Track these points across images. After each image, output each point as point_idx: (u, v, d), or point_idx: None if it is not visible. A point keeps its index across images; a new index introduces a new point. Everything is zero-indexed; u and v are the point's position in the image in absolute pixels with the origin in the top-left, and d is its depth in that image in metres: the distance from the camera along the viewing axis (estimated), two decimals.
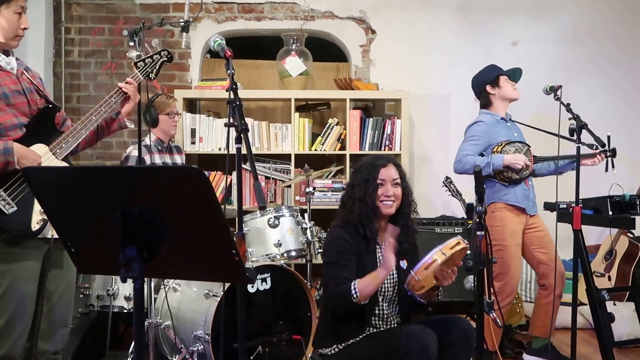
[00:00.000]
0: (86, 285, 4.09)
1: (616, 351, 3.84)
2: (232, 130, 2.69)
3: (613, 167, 4.04)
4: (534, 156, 4.31)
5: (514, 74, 4.43)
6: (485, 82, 4.42)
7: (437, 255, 2.76)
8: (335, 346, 3.03)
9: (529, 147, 4.30)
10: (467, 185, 4.28)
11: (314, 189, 5.12)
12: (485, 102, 4.46)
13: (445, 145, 5.71)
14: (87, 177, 1.94)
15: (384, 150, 5.45)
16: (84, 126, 2.90)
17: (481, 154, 4.26)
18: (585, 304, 4.40)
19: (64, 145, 2.85)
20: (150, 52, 3.27)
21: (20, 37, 2.86)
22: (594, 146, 4.10)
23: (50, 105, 2.94)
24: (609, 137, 4.03)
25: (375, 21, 5.92)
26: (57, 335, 2.96)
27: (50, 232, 2.77)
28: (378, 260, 3.11)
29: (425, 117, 5.89)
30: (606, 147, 4.06)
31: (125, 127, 3.20)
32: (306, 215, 4.65)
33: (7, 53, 2.86)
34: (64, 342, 3.03)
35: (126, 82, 3.08)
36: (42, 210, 2.72)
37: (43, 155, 2.79)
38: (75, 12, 5.81)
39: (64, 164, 2.87)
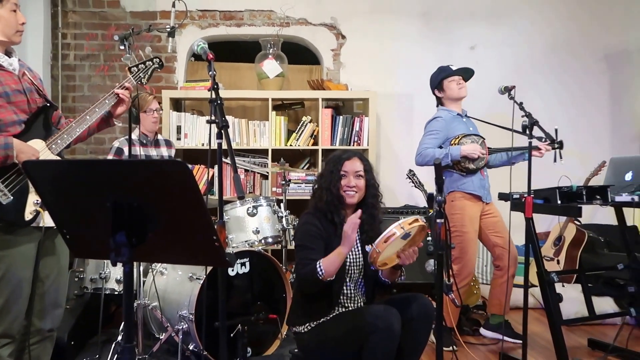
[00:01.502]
0: (80, 270, 4.10)
1: (564, 329, 3.87)
2: (214, 127, 2.71)
3: (561, 157, 4.07)
4: (488, 147, 4.37)
5: (465, 73, 4.48)
6: (433, 87, 4.51)
7: (395, 229, 2.76)
8: (307, 324, 3.06)
9: (484, 139, 4.37)
10: (428, 177, 4.33)
11: (289, 181, 5.15)
12: (438, 102, 4.54)
13: (409, 140, 5.72)
14: (81, 170, 1.95)
15: (353, 145, 5.49)
16: (79, 125, 2.90)
17: (440, 147, 4.32)
18: (536, 286, 4.40)
19: (59, 141, 2.86)
20: (142, 56, 3.27)
21: (20, 32, 2.84)
22: (543, 138, 4.13)
23: (48, 104, 2.94)
24: (556, 130, 4.07)
25: (345, 27, 5.96)
26: (51, 315, 2.96)
27: (42, 222, 2.77)
28: None
29: (391, 115, 5.94)
30: (554, 140, 4.14)
31: (113, 125, 3.21)
32: (282, 204, 4.67)
33: (9, 55, 2.85)
34: (58, 321, 3.03)
35: (125, 88, 3.08)
36: (35, 201, 2.73)
37: (40, 150, 2.79)
38: (71, 19, 5.82)
39: (58, 158, 2.87)
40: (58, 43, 5.77)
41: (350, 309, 3.11)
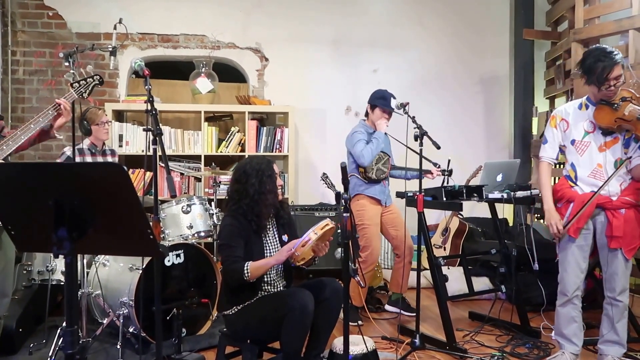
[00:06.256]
0: (29, 263, 3.88)
1: (450, 303, 3.93)
2: (150, 134, 2.60)
3: (449, 182, 4.16)
4: (392, 165, 4.44)
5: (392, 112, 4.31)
6: (369, 101, 4.36)
7: (311, 235, 2.79)
8: (234, 307, 2.98)
9: (389, 157, 4.39)
10: (339, 180, 4.33)
11: (220, 182, 5.06)
12: (365, 113, 4.44)
13: (323, 148, 5.79)
14: (26, 172, 1.83)
15: (276, 152, 5.45)
16: (23, 132, 2.75)
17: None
18: (427, 269, 4.51)
19: (4, 147, 2.69)
20: (84, 73, 3.14)
21: None
22: (437, 165, 4.24)
23: None
24: (448, 161, 4.14)
25: (268, 51, 5.91)
26: None
27: None
28: (264, 242, 3.07)
29: (307, 126, 5.92)
30: (445, 168, 4.20)
31: (54, 137, 3.04)
32: (213, 203, 4.58)
33: None
34: (5, 309, 2.86)
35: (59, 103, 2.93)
36: None
37: None
38: (20, 38, 5.53)
39: (3, 162, 2.70)
40: (8, 59, 5.47)
41: (271, 292, 3.06)
